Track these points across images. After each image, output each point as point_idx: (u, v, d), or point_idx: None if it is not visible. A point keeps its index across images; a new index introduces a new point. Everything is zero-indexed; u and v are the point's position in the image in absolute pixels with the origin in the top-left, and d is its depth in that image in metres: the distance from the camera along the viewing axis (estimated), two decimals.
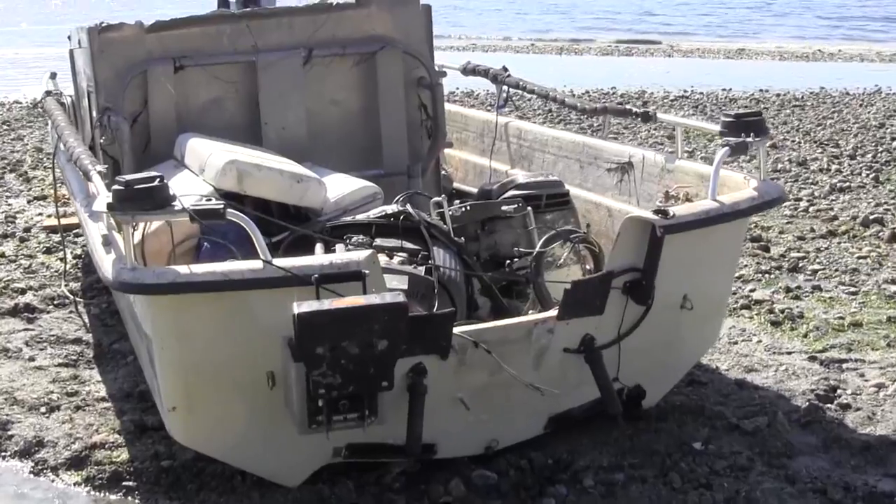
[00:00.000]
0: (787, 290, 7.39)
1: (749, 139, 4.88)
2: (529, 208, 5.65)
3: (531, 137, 7.06)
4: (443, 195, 5.51)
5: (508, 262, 5.55)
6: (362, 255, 4.03)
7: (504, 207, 5.61)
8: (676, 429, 5.07)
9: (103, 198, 3.98)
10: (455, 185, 7.88)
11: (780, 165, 11.81)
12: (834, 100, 17.86)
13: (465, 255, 5.20)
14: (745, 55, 27.80)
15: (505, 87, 7.47)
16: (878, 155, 12.36)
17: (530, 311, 4.95)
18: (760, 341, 6.41)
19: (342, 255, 4.04)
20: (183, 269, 3.88)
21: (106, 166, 4.74)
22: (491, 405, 4.63)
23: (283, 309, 3.85)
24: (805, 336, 6.50)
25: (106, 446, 4.90)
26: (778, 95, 18.43)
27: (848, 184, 10.83)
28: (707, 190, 5.30)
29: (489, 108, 16.10)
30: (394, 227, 5.13)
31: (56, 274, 7.60)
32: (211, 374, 4.15)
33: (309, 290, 3.89)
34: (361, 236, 5.06)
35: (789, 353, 6.21)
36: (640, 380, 5.02)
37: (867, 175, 11.23)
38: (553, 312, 4.61)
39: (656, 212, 4.50)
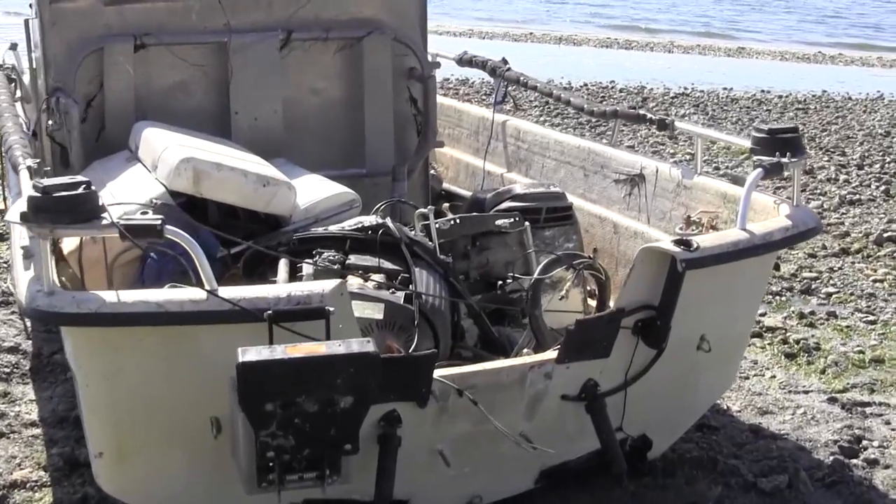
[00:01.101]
0: (801, 315, 6.77)
1: (785, 160, 4.22)
2: (527, 224, 4.99)
3: (530, 139, 6.40)
4: (430, 207, 4.84)
5: (501, 283, 4.90)
6: (327, 286, 3.36)
7: (498, 222, 4.95)
8: (686, 486, 4.44)
9: (20, 204, 3.30)
10: (444, 185, 7.23)
11: (786, 173, 11.16)
12: (837, 104, 17.26)
13: (452, 277, 4.54)
14: (745, 54, 27.15)
15: (504, 82, 6.79)
16: (887, 166, 11.77)
17: (525, 349, 4.28)
18: (774, 377, 5.79)
19: (303, 285, 3.38)
20: (110, 296, 3.21)
21: (38, 161, 4.05)
22: (475, 457, 3.99)
23: (230, 345, 3.23)
24: (823, 372, 5.89)
25: (28, 486, 4.24)
26: (780, 97, 17.80)
27: (858, 196, 10.23)
28: (731, 214, 4.67)
29: (485, 99, 15.44)
30: (371, 242, 4.47)
31: (5, 265, 6.91)
32: (144, 418, 3.50)
33: (262, 327, 3.23)
34: (333, 252, 4.40)
35: (807, 393, 5.60)
36: (646, 428, 4.39)
37: (876, 187, 10.64)
38: (551, 354, 3.96)
39: (677, 242, 3.84)
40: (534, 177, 6.34)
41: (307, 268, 4.21)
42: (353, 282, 4.21)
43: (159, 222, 3.13)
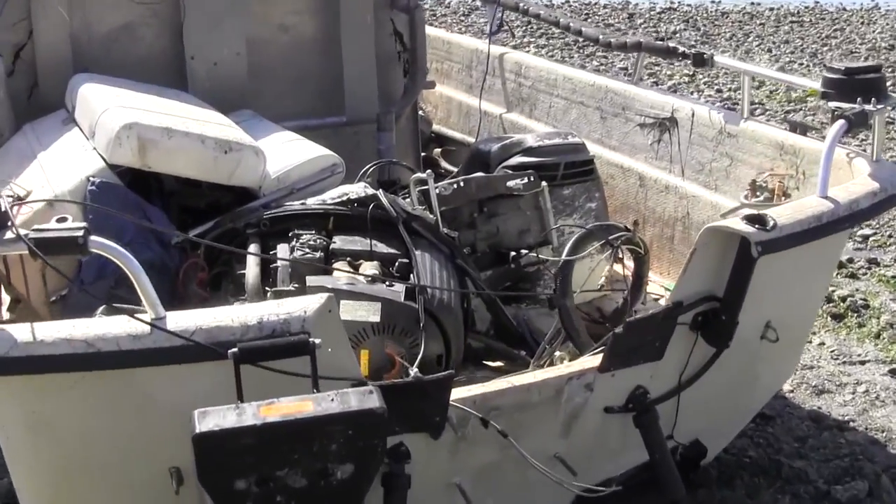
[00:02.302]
0: (839, 265, 6.02)
1: (870, 107, 3.42)
2: (545, 184, 4.18)
3: (534, 75, 5.55)
4: (429, 172, 4.01)
5: (515, 255, 4.12)
6: (311, 305, 2.56)
7: (510, 183, 4.14)
8: (748, 500, 3.71)
9: None
10: (435, 127, 6.40)
11: (794, 94, 10.37)
12: (832, 16, 16.42)
13: (461, 258, 3.75)
14: None
15: (499, 9, 5.92)
16: None
17: (556, 352, 3.50)
18: (823, 343, 5.07)
19: (279, 306, 2.55)
20: (23, 333, 2.39)
21: None
22: (501, 487, 3.25)
23: (186, 386, 2.50)
24: (877, 337, 5.17)
25: None
26: (771, 9, 16.90)
27: None
28: (789, 168, 3.89)
29: (464, 22, 14.46)
30: (359, 218, 3.66)
31: None
32: (86, 477, 2.72)
33: (227, 365, 2.43)
34: (313, 233, 3.60)
35: (863, 363, 4.88)
36: (699, 433, 3.66)
37: (893, 109, 9.80)
38: (592, 361, 3.19)
39: (750, 220, 3.04)
40: (539, 118, 5.51)
41: (283, 268, 3.40)
42: (341, 274, 3.42)
43: (81, 234, 2.30)
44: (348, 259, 3.52)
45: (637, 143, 4.82)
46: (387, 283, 3.39)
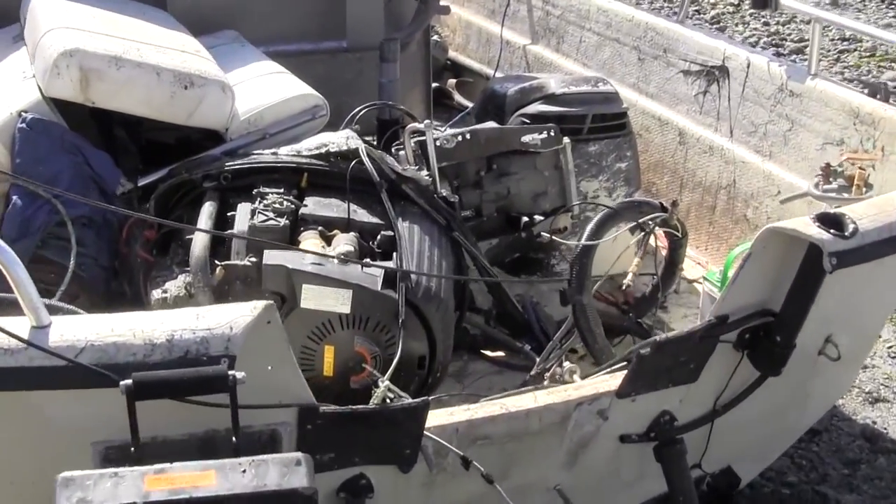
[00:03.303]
0: None
1: None
2: (567, 141, 3.52)
3: (564, 4, 4.84)
4: (429, 121, 3.34)
5: (527, 220, 3.48)
6: (238, 319, 1.92)
7: (526, 138, 3.47)
8: None
9: None
10: (451, 54, 5.72)
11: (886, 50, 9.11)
12: None
13: (461, 232, 3.11)
14: None
15: None
16: None
17: (565, 364, 2.86)
18: (879, 336, 4.39)
19: (196, 319, 1.92)
20: None
21: None
22: None
23: (82, 407, 1.93)
24: None
25: None
26: None
27: None
28: (864, 139, 3.22)
29: None
30: (338, 175, 3.02)
31: None
32: None
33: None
34: (281, 192, 2.96)
35: None
36: (732, 459, 3.05)
37: None
38: (607, 381, 2.56)
39: (823, 221, 2.37)
40: (567, 53, 4.82)
41: (244, 212, 2.80)
42: (308, 244, 2.79)
43: None
44: (320, 228, 2.89)
45: (679, 92, 4.14)
46: (364, 263, 2.75)
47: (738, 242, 3.87)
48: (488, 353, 3.36)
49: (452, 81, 5.61)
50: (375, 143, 3.84)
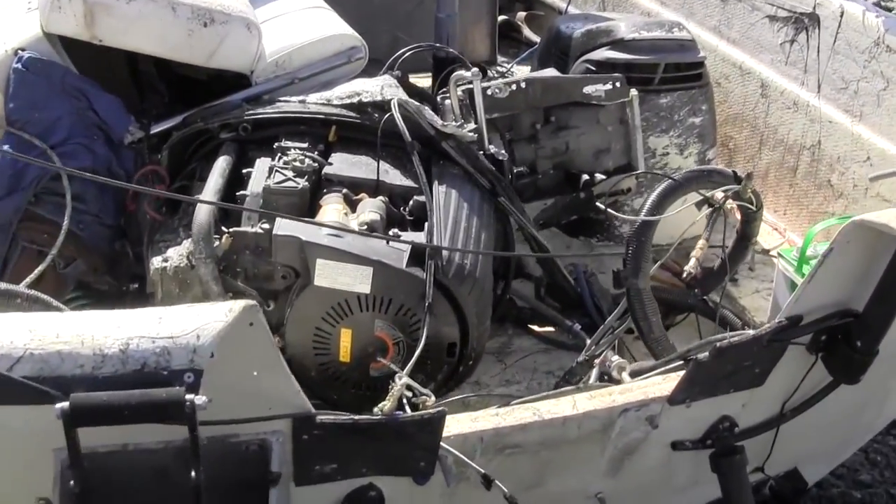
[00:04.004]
0: None
1: None
2: (635, 93, 3.15)
3: None
4: (474, 70, 2.98)
5: (587, 180, 3.14)
6: (208, 324, 1.63)
7: (588, 89, 3.11)
8: None
9: None
10: None
11: None
12: None
13: (507, 196, 2.78)
14: None
15: None
16: None
17: (614, 357, 2.53)
18: None
19: (158, 322, 1.63)
20: None
21: None
22: None
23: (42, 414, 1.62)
24: None
25: None
26: None
27: None
28: None
29: None
30: (369, 129, 2.70)
31: None
32: None
33: None
34: (304, 148, 2.66)
35: None
36: (799, 460, 2.72)
37: None
38: (659, 387, 2.23)
39: None
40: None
41: (252, 198, 2.49)
42: (329, 209, 2.49)
43: None
44: (344, 191, 2.58)
45: (764, 39, 3.71)
46: (391, 234, 2.44)
47: (819, 209, 3.49)
48: (536, 328, 3.06)
49: (522, 14, 5.22)
50: (431, 86, 3.52)
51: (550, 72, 3.27)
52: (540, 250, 2.87)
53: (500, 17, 5.05)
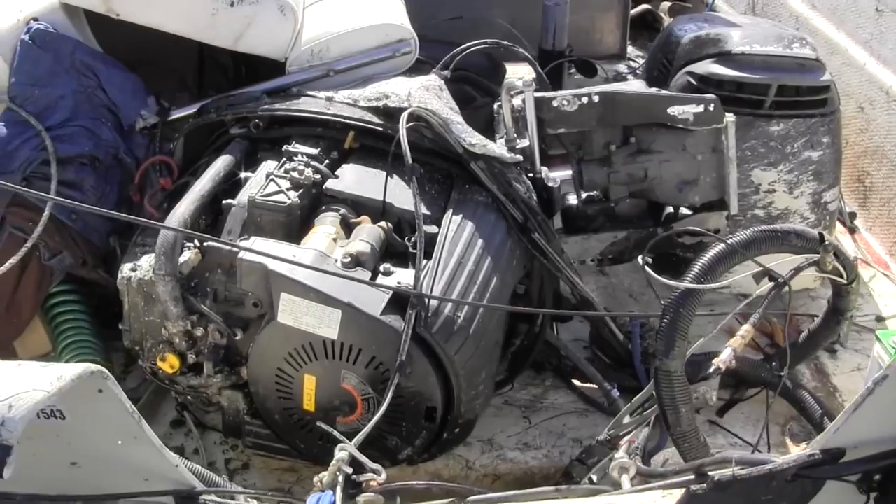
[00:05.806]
0: None
1: None
2: (731, 119, 2.65)
3: None
4: (530, 77, 2.55)
5: (668, 213, 2.69)
6: (20, 396, 1.31)
7: (674, 110, 2.63)
8: None
9: None
10: None
11: None
12: None
13: (542, 231, 2.35)
14: None
15: None
16: None
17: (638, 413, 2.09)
18: None
19: None
20: None
21: None
22: None
23: None
24: None
25: None
26: None
27: None
28: None
29: None
30: (392, 138, 2.32)
31: None
32: None
33: None
34: (312, 154, 2.31)
35: None
36: None
37: None
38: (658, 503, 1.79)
39: None
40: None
41: (236, 210, 2.16)
42: (320, 232, 2.14)
43: None
44: (342, 211, 2.22)
45: None
46: (380, 270, 2.07)
47: None
48: (578, 383, 2.63)
49: (666, 4, 4.71)
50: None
51: (637, 84, 2.81)
52: (581, 300, 2.43)
53: (641, 7, 4.57)
